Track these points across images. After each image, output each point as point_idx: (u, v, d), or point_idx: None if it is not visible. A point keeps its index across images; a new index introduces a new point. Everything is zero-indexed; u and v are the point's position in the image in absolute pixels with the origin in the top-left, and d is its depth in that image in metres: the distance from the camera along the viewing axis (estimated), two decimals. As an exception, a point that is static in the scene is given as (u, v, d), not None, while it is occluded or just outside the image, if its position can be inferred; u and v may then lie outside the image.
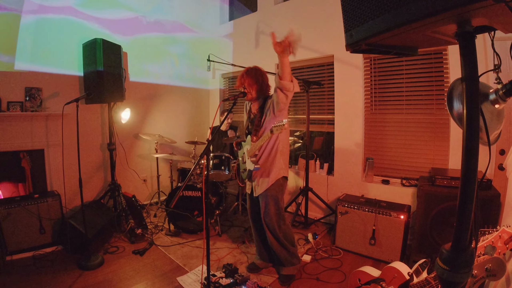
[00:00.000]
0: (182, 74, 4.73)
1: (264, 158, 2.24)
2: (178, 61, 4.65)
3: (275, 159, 2.23)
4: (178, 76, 4.67)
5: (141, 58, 4.14)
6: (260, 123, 2.23)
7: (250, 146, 2.27)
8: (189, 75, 4.83)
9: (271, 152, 2.23)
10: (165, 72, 4.50)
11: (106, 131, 3.69)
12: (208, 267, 1.83)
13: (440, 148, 2.84)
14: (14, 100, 2.97)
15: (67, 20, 3.35)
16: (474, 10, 0.54)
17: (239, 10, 5.00)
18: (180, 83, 4.71)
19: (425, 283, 1.43)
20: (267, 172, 2.24)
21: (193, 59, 4.81)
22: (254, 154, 2.24)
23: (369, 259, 2.65)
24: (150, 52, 4.25)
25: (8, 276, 2.36)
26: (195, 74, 4.90)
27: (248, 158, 2.28)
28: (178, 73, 4.66)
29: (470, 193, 0.65)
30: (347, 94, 3.39)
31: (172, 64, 4.58)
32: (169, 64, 4.54)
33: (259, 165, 2.23)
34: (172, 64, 4.58)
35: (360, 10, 0.74)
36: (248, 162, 2.29)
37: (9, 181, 3.05)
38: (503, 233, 1.19)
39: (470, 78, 0.65)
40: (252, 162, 2.24)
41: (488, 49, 2.17)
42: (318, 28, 3.58)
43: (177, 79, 4.66)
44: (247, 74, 2.22)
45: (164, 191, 4.28)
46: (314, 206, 3.68)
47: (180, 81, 4.70)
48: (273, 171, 2.23)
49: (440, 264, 0.70)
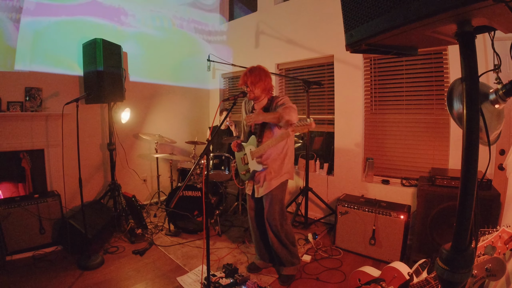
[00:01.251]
0: (182, 74, 4.73)
1: (272, 160, 2.23)
2: (178, 61, 4.65)
3: (283, 162, 2.25)
4: (178, 76, 4.67)
5: (142, 58, 4.14)
6: (265, 124, 2.21)
7: (256, 147, 2.24)
8: (189, 75, 4.83)
9: (280, 155, 2.24)
10: (165, 72, 4.50)
11: (106, 131, 3.69)
12: (208, 267, 1.83)
13: (440, 148, 2.84)
14: (14, 100, 2.97)
15: (67, 20, 3.35)
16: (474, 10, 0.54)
17: (239, 10, 5.00)
18: (180, 83, 4.70)
19: (425, 283, 1.43)
20: (274, 174, 2.23)
21: (193, 59, 4.81)
22: (261, 155, 2.23)
23: (369, 259, 2.65)
24: (151, 52, 4.25)
25: (8, 276, 2.36)
26: (195, 74, 4.90)
27: (253, 159, 2.25)
28: (178, 73, 4.66)
29: (470, 193, 0.65)
30: (347, 94, 3.39)
31: (172, 64, 4.58)
32: (169, 64, 4.54)
33: (266, 165, 2.23)
34: (172, 64, 4.58)
35: (360, 10, 0.74)
36: (252, 163, 2.26)
37: (9, 181, 3.05)
38: (503, 233, 1.19)
39: (470, 78, 0.65)
40: (258, 162, 2.23)
41: (488, 49, 2.17)
42: (318, 28, 3.58)
43: (177, 79, 4.65)
44: (250, 72, 2.21)
45: (164, 191, 4.28)
46: (314, 206, 3.68)
47: (180, 81, 4.69)
48: (280, 173, 2.24)
49: (440, 264, 0.70)
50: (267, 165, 2.23)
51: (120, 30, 3.84)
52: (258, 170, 2.24)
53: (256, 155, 2.24)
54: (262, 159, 2.24)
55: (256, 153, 2.23)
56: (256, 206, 2.42)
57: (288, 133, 2.05)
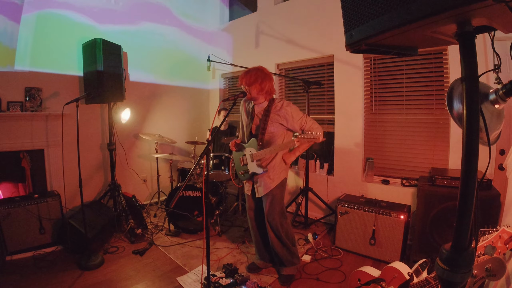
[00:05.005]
0: (182, 74, 4.73)
1: (270, 161, 2.24)
2: (178, 61, 4.64)
3: (280, 162, 2.26)
4: (178, 76, 4.67)
5: (142, 58, 4.14)
6: (265, 126, 2.20)
7: (256, 150, 2.22)
8: (189, 75, 4.83)
9: (276, 157, 2.25)
10: (165, 72, 4.50)
11: (106, 131, 3.69)
12: (208, 267, 1.83)
13: (440, 148, 2.84)
14: (14, 100, 2.97)
15: (67, 20, 3.35)
16: (474, 10, 0.54)
17: (239, 10, 5.00)
18: (180, 83, 4.70)
19: (425, 283, 1.43)
20: (272, 173, 2.23)
21: (193, 59, 4.81)
22: (261, 158, 2.22)
23: (369, 259, 2.65)
24: (151, 52, 4.25)
25: (8, 276, 2.36)
26: (195, 74, 4.90)
27: (253, 161, 2.24)
28: (178, 73, 4.66)
29: (470, 193, 0.65)
30: (347, 94, 3.39)
31: (172, 64, 4.57)
32: (169, 64, 4.54)
33: (267, 168, 2.23)
34: (172, 64, 4.57)
35: (360, 10, 0.74)
36: (252, 165, 2.25)
37: (9, 181, 3.04)
38: (503, 233, 1.19)
39: (470, 78, 0.65)
40: (258, 165, 2.22)
41: (488, 49, 2.17)
42: (318, 28, 3.58)
43: (177, 79, 4.65)
44: (246, 73, 2.20)
45: (164, 191, 4.28)
46: (314, 206, 3.68)
47: (180, 81, 4.69)
48: (278, 172, 2.24)
49: (440, 264, 0.70)
50: (267, 169, 2.23)
51: (120, 30, 3.84)
52: (258, 173, 2.24)
53: (256, 158, 2.23)
54: (262, 162, 2.24)
55: (256, 156, 2.22)
56: (255, 206, 2.42)
57: (293, 143, 2.04)
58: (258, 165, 2.22)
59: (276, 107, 2.20)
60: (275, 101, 2.24)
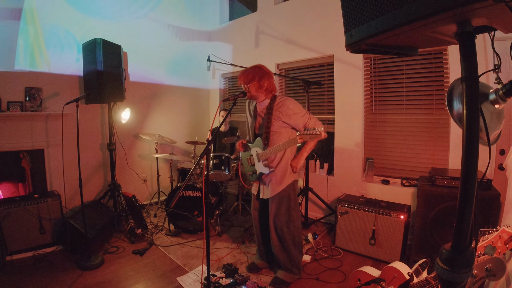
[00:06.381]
0: (182, 74, 4.73)
1: (277, 162, 2.21)
2: (178, 61, 4.64)
3: (289, 165, 2.23)
4: (178, 76, 4.67)
5: (142, 58, 4.14)
6: (269, 125, 2.17)
7: (263, 150, 2.21)
8: (189, 75, 4.83)
9: (284, 157, 2.22)
10: (165, 72, 4.50)
11: (106, 131, 3.69)
12: (208, 267, 1.83)
13: (440, 148, 2.84)
14: (14, 100, 2.97)
15: (68, 19, 3.35)
16: (474, 10, 0.54)
17: (239, 10, 5.00)
18: (180, 83, 4.70)
19: (425, 283, 1.43)
20: (280, 176, 2.21)
21: (193, 59, 4.81)
22: (267, 158, 2.21)
23: (369, 259, 2.65)
24: (151, 52, 4.25)
25: (8, 276, 2.36)
26: (195, 74, 4.90)
27: (260, 161, 2.23)
28: (178, 73, 4.66)
29: (470, 193, 0.65)
30: (347, 94, 3.39)
31: (172, 64, 4.58)
32: (169, 64, 4.54)
33: (273, 168, 2.21)
34: (172, 64, 4.57)
35: (360, 10, 0.74)
36: (259, 165, 2.24)
37: (9, 181, 3.04)
38: (503, 233, 1.19)
39: (470, 78, 0.65)
40: (265, 165, 2.21)
41: (488, 49, 2.17)
42: (318, 28, 3.58)
43: (177, 79, 4.65)
44: (244, 71, 2.19)
45: (164, 191, 4.28)
46: (314, 206, 3.68)
47: (180, 81, 4.69)
48: (286, 176, 2.22)
49: (440, 264, 0.70)
50: (273, 168, 2.21)
51: (120, 29, 3.84)
52: (265, 173, 2.22)
53: (262, 157, 2.22)
54: (269, 162, 2.22)
55: (262, 156, 2.21)
56: (260, 206, 2.40)
57: (296, 140, 2.03)
58: (265, 165, 2.21)
59: (278, 104, 2.17)
60: (277, 98, 2.21)
